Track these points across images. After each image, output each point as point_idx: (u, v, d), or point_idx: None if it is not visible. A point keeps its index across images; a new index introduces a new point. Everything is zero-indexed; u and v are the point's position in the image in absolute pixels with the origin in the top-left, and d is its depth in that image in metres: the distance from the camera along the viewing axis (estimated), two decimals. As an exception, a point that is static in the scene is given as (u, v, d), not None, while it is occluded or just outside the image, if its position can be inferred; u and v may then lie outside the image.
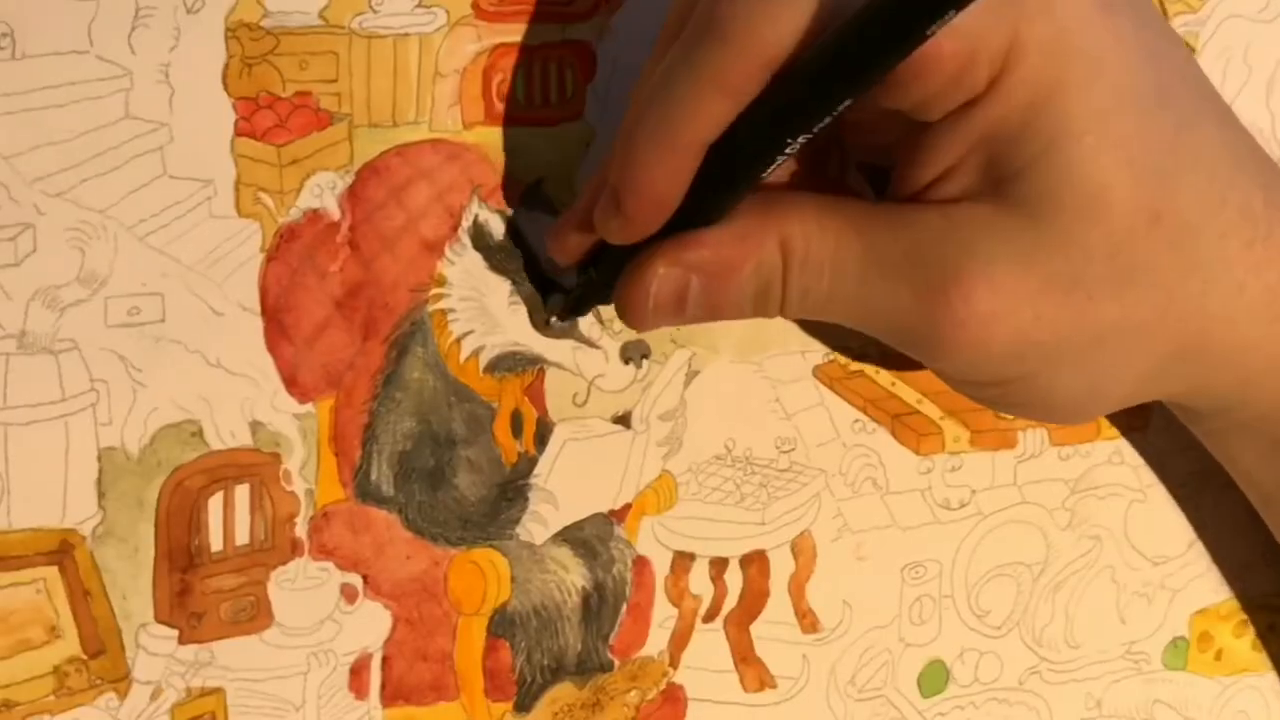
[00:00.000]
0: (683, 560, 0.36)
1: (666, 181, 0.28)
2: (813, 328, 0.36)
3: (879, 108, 0.28)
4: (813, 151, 0.30)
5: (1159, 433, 0.40)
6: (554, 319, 0.34)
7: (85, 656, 0.30)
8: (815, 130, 0.27)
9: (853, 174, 0.34)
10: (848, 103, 0.26)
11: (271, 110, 0.31)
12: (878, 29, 0.25)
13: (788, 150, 0.28)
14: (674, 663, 0.36)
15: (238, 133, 0.30)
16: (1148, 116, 0.29)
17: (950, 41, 0.26)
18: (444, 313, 0.33)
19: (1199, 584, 0.41)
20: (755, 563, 0.36)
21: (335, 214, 0.32)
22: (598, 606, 0.35)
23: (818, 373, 0.37)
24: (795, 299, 0.31)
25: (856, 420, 0.37)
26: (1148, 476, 0.40)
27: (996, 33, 0.27)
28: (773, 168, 0.28)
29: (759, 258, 0.30)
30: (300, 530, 0.32)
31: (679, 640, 0.36)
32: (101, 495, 0.30)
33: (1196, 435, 0.37)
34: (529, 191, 0.33)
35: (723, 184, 0.29)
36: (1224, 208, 0.30)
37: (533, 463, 0.34)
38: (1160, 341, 0.31)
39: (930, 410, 0.38)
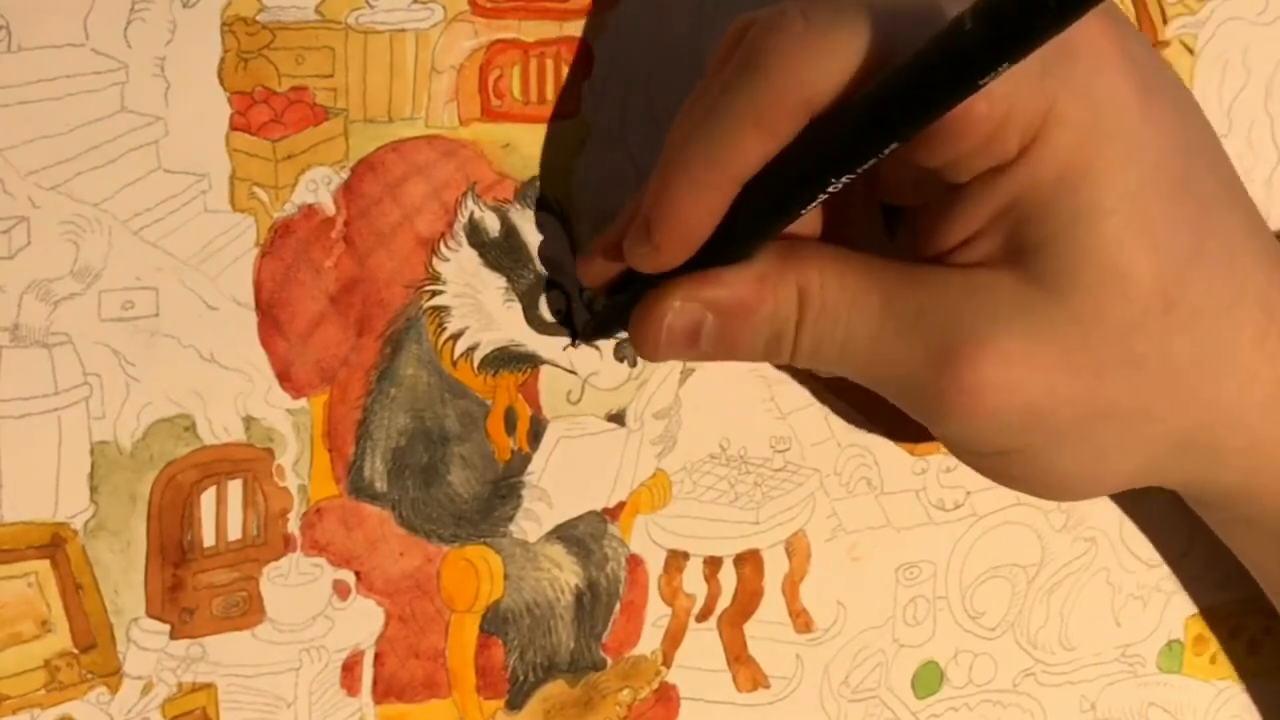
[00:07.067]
0: (676, 559, 0.36)
1: (698, 216, 0.29)
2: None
3: (910, 164, 0.29)
4: (838, 201, 0.30)
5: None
6: (577, 342, 0.34)
7: (76, 651, 0.30)
8: (852, 176, 0.27)
9: (875, 225, 0.33)
10: (888, 151, 0.26)
11: (267, 105, 0.31)
12: (932, 77, 0.25)
13: (822, 195, 0.28)
14: (667, 662, 0.36)
15: (233, 127, 0.30)
16: (1174, 202, 0.29)
17: (985, 103, 0.26)
18: (439, 309, 0.33)
19: (1194, 587, 0.41)
20: (749, 562, 0.36)
21: (330, 209, 0.31)
22: (591, 605, 0.35)
23: (813, 371, 0.37)
24: (807, 348, 0.31)
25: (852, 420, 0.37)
26: (1144, 479, 0.40)
27: (1032, 102, 0.27)
28: (804, 211, 0.29)
29: (775, 302, 0.30)
30: (293, 526, 0.32)
31: (672, 639, 0.36)
32: (94, 489, 0.30)
33: (1205, 521, 0.37)
34: (525, 188, 0.33)
35: (753, 223, 0.29)
36: (1242, 299, 0.30)
37: (526, 460, 0.34)
38: (1167, 428, 0.30)
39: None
